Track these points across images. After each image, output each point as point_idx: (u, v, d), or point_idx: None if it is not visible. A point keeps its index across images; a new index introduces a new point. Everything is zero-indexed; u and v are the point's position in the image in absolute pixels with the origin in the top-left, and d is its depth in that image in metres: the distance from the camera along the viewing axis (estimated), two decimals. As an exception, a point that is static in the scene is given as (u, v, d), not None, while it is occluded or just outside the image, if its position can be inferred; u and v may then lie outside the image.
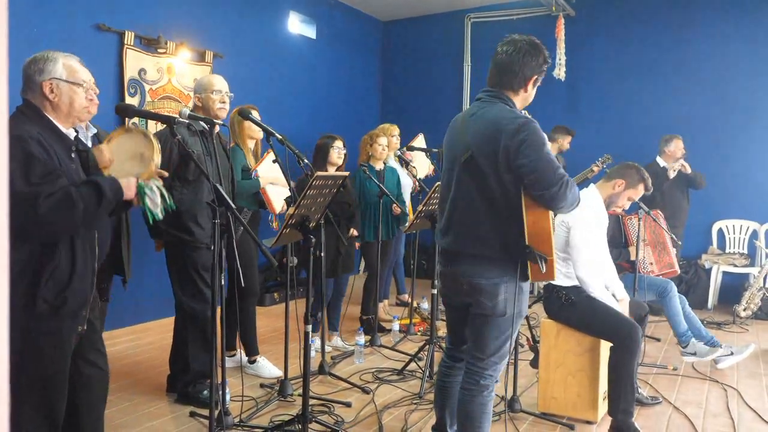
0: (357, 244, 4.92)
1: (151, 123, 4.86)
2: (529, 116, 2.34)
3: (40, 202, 1.94)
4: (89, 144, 2.56)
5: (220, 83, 3.53)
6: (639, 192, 3.43)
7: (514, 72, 2.38)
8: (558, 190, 2.22)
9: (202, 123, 3.07)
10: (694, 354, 4.23)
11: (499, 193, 2.31)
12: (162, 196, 2.25)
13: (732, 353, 4.23)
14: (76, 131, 2.34)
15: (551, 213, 2.31)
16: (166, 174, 2.37)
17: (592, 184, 3.48)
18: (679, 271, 4.47)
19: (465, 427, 2.49)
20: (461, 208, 2.41)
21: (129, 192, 2.17)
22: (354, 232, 4.62)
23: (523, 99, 2.46)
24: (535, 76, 2.42)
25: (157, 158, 2.36)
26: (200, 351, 3.42)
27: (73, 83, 2.17)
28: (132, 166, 2.38)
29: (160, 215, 2.23)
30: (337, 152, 4.48)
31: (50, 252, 2.06)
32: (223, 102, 3.49)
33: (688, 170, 5.75)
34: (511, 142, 2.24)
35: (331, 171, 4.45)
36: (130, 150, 2.39)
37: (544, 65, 2.43)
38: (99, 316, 2.57)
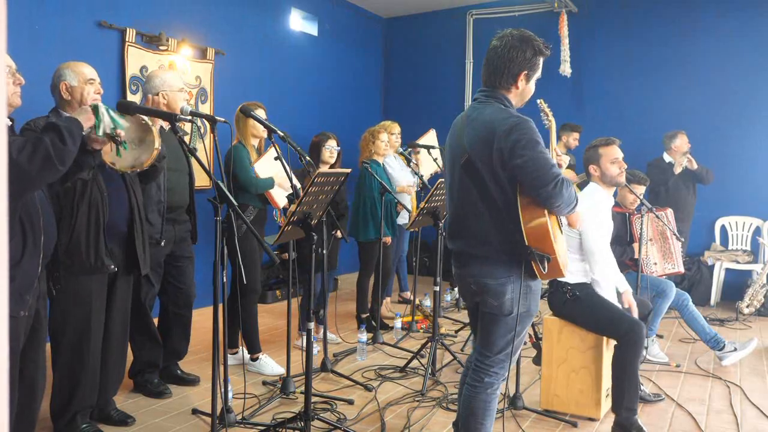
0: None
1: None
2: (523, 116, 2.29)
3: (9, 145, 1.97)
4: None
5: (180, 79, 3.56)
6: (611, 151, 3.36)
7: (500, 69, 2.34)
8: (552, 189, 2.19)
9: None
10: (735, 350, 4.21)
11: (497, 195, 2.29)
12: (114, 122, 2.41)
13: (735, 349, 4.22)
14: (11, 119, 2.34)
15: (547, 211, 2.27)
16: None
17: (591, 182, 3.47)
18: (683, 271, 4.45)
19: (468, 423, 2.49)
20: (465, 211, 2.40)
21: (87, 120, 2.30)
22: (339, 233, 4.58)
23: (517, 95, 2.40)
24: (525, 71, 2.34)
25: (158, 142, 2.50)
26: (145, 340, 3.50)
27: None
28: (134, 152, 2.52)
29: (104, 130, 2.36)
30: (330, 151, 4.44)
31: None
32: (187, 100, 3.56)
33: (695, 166, 5.74)
34: (504, 143, 2.22)
35: (323, 168, 4.42)
36: (127, 136, 2.47)
37: (535, 58, 2.34)
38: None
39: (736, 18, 6.43)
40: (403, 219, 5.26)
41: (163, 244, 3.39)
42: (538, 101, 2.88)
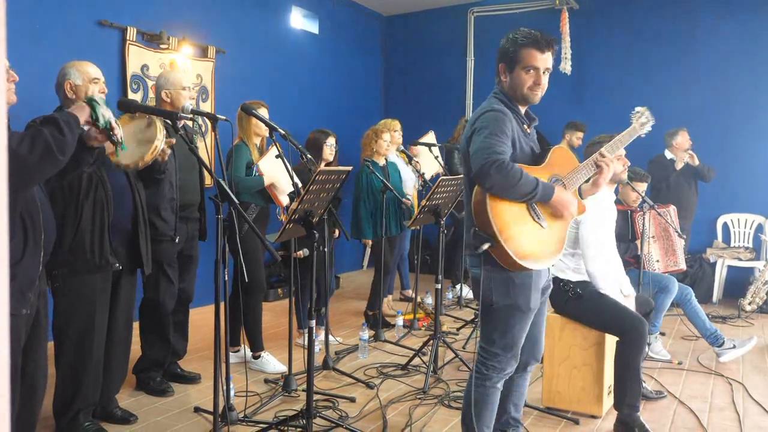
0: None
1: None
2: (497, 107, 2.30)
3: (9, 138, 1.97)
4: None
5: (188, 79, 3.59)
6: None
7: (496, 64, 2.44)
8: (481, 169, 2.13)
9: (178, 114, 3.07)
10: (734, 347, 4.21)
11: (473, 184, 2.34)
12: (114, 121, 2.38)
13: (734, 346, 4.23)
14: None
15: (487, 194, 2.20)
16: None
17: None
18: (685, 268, 4.46)
19: (466, 413, 2.49)
20: (464, 202, 2.50)
21: (82, 114, 2.24)
22: (336, 232, 4.58)
23: (509, 88, 2.38)
24: (502, 63, 2.37)
25: (162, 135, 2.58)
26: (156, 339, 3.55)
27: None
28: (140, 149, 2.56)
29: (103, 123, 2.30)
30: (330, 148, 4.44)
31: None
32: (193, 98, 3.59)
33: (696, 162, 5.75)
34: (469, 132, 2.33)
35: (321, 166, 4.42)
36: (134, 136, 2.48)
37: (511, 48, 2.32)
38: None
39: (737, 16, 6.41)
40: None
41: (177, 240, 3.41)
42: (638, 109, 2.75)
